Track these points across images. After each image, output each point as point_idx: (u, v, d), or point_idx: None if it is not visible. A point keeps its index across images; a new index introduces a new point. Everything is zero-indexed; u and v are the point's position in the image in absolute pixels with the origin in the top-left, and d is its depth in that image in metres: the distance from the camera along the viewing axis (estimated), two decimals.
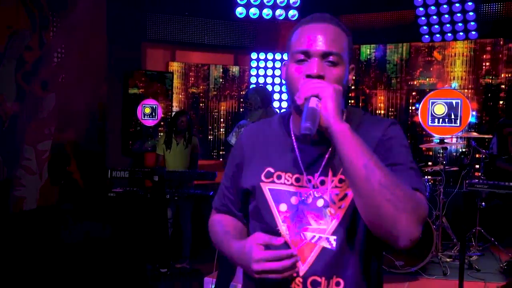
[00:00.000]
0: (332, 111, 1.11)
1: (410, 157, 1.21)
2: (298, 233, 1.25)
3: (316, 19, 1.26)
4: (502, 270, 4.82)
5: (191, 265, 5.12)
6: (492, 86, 6.36)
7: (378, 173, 1.06)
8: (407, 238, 1.06)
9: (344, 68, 1.24)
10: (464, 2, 5.82)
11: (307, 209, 1.25)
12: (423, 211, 1.09)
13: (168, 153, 5.08)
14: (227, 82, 7.24)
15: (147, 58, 6.82)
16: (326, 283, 1.23)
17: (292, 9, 6.30)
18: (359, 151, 1.08)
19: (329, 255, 1.23)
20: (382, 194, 1.05)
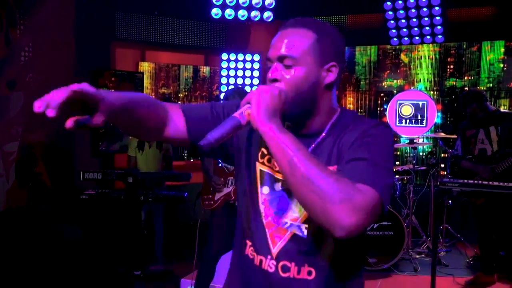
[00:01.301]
0: (257, 114, 1.16)
1: (382, 156, 1.21)
2: (273, 217, 1.34)
3: (286, 25, 1.33)
4: (468, 265, 5.02)
5: (165, 266, 5.09)
6: (456, 88, 6.60)
7: (301, 167, 1.09)
8: (340, 228, 1.07)
9: (306, 69, 1.27)
10: (431, 7, 6.02)
11: (285, 197, 1.34)
12: (358, 201, 1.07)
13: (140, 155, 5.04)
14: (198, 82, 7.21)
15: (116, 58, 6.71)
16: (296, 269, 1.30)
17: (267, 10, 6.34)
18: (283, 149, 1.12)
19: (299, 242, 1.30)
20: (306, 186, 1.09)
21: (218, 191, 3.77)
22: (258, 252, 1.36)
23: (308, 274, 1.30)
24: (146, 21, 6.75)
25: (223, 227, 3.73)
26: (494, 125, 4.33)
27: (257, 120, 1.17)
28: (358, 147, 1.23)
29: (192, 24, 6.99)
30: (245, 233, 1.42)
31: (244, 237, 1.43)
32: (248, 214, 1.41)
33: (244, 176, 1.43)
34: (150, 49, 6.99)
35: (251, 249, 1.40)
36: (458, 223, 5.77)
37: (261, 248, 1.36)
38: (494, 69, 6.39)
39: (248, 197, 1.41)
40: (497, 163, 4.21)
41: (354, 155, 1.20)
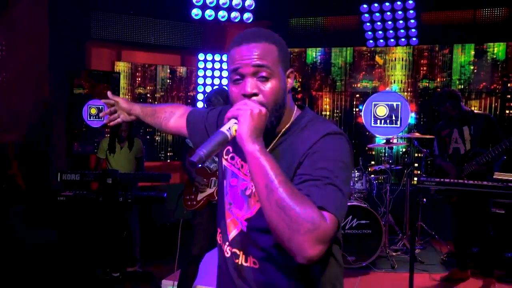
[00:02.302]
0: (245, 133, 1.21)
1: (334, 172, 1.23)
2: (229, 208, 1.49)
3: (244, 39, 1.34)
4: (443, 262, 5.16)
5: (143, 268, 5.05)
6: (429, 89, 6.76)
7: (276, 194, 1.14)
8: (301, 257, 1.13)
9: (279, 79, 1.33)
10: (406, 10, 6.16)
11: (240, 192, 1.46)
12: (321, 232, 1.12)
13: (112, 158, 5.00)
14: (174, 83, 7.18)
15: (91, 58, 6.61)
16: (244, 257, 1.43)
17: (247, 12, 6.36)
18: (263, 172, 1.17)
19: (243, 235, 1.44)
20: (278, 214, 1.13)
21: (201, 192, 3.77)
22: (222, 238, 1.53)
23: (254, 264, 1.41)
24: (122, 20, 6.68)
25: (206, 227, 3.74)
26: (468, 125, 4.45)
27: (244, 139, 1.21)
28: (309, 164, 1.26)
29: (168, 24, 6.95)
30: (217, 221, 1.59)
31: (216, 224, 1.60)
32: (219, 203, 1.58)
33: (219, 170, 1.60)
34: (126, 49, 6.92)
35: (219, 235, 1.56)
36: (432, 221, 5.92)
37: (224, 235, 1.51)
38: (465, 71, 6.59)
39: (219, 188, 1.58)
40: (469, 162, 4.35)
41: (307, 176, 1.23)
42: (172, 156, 7.24)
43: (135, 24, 6.77)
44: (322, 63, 7.22)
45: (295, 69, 7.19)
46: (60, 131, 6.14)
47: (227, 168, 1.52)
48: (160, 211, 6.54)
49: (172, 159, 7.25)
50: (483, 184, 3.70)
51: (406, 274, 4.05)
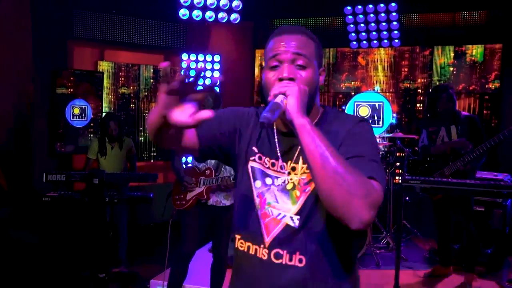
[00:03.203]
0: (295, 107, 1.26)
1: (373, 151, 1.35)
2: (267, 208, 1.45)
3: (285, 30, 1.45)
4: (425, 258, 5.28)
5: (129, 269, 5.03)
6: (410, 90, 6.90)
7: (332, 161, 1.18)
8: (358, 221, 1.18)
9: (313, 70, 1.41)
10: (389, 12, 6.27)
11: (277, 190, 1.45)
12: (374, 197, 1.20)
13: (103, 159, 4.98)
14: (158, 82, 7.15)
15: (74, 57, 6.54)
16: (288, 256, 1.41)
17: (234, 12, 6.38)
18: (316, 142, 1.21)
19: (291, 231, 1.41)
20: (335, 180, 1.17)
21: (190, 191, 3.78)
22: (253, 242, 1.48)
23: (299, 262, 1.40)
24: (105, 19, 6.63)
25: (196, 226, 3.75)
26: (455, 124, 4.53)
27: (295, 112, 1.26)
28: (350, 144, 1.35)
29: (151, 23, 6.93)
30: (236, 227, 1.55)
31: (234, 231, 1.55)
32: (243, 208, 1.52)
33: (239, 173, 1.56)
34: (109, 48, 6.87)
35: (240, 241, 1.52)
36: (414, 219, 6.04)
37: (256, 238, 1.47)
38: (444, 72, 6.74)
39: (243, 192, 1.52)
40: (454, 161, 4.44)
41: (350, 153, 1.32)
42: (156, 156, 7.22)
43: (118, 24, 6.73)
44: None
45: None
46: (43, 131, 6.06)
47: (255, 169, 1.50)
48: (143, 211, 6.52)
49: (155, 159, 7.22)
50: (467, 183, 3.81)
51: (391, 271, 4.15)
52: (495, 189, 3.75)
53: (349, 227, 1.20)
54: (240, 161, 1.54)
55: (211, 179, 3.71)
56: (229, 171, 3.77)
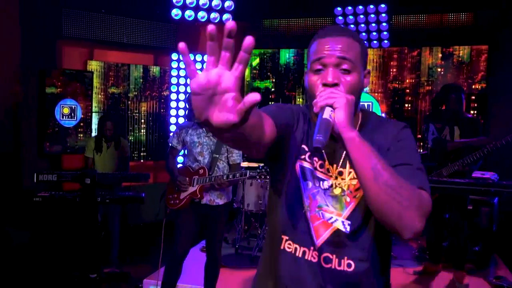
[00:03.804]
0: (344, 120, 1.21)
1: (418, 158, 1.34)
2: (317, 211, 1.41)
3: (330, 32, 1.38)
4: (414, 256, 5.35)
5: (120, 269, 5.01)
6: (398, 90, 6.98)
7: (384, 175, 1.18)
8: (410, 232, 1.20)
9: (358, 74, 1.36)
10: (378, 13, 6.35)
11: (326, 193, 1.42)
12: (425, 207, 1.22)
13: (98, 157, 4.98)
14: (148, 82, 7.13)
15: (63, 56, 6.50)
16: (337, 261, 1.39)
17: (227, 13, 6.39)
18: (367, 156, 1.20)
19: (342, 236, 1.39)
20: (388, 193, 1.17)
21: (184, 190, 3.79)
22: (302, 244, 1.43)
23: (348, 267, 1.39)
24: (94, 18, 6.60)
25: (189, 225, 3.76)
26: (458, 125, 4.58)
27: (344, 126, 1.21)
28: (396, 152, 1.35)
29: (141, 23, 6.91)
30: (282, 228, 1.48)
31: (280, 232, 1.48)
32: (290, 208, 1.46)
33: (286, 172, 1.47)
34: (98, 48, 6.84)
35: (288, 243, 1.46)
36: None
37: (304, 240, 1.43)
38: (432, 73, 6.84)
39: (290, 192, 1.46)
40: (453, 161, 4.46)
41: (398, 160, 1.31)
42: (146, 156, 7.20)
43: (108, 23, 6.70)
44: (295, 64, 7.33)
45: (268, 70, 7.39)
46: (32, 131, 6.02)
47: (306, 168, 1.45)
48: (133, 211, 6.50)
49: (145, 159, 7.21)
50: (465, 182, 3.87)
51: None
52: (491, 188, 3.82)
53: (401, 236, 1.22)
54: (290, 159, 1.46)
55: (205, 178, 3.72)
56: (222, 170, 3.79)
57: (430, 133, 4.72)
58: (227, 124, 0.90)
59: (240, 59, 0.90)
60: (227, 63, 0.89)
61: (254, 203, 5.54)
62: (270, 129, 1.28)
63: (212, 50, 0.89)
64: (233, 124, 0.90)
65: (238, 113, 0.89)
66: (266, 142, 1.26)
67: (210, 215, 3.78)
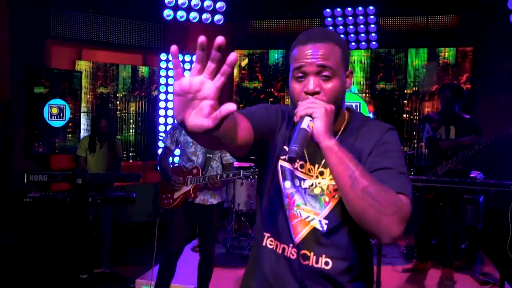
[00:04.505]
0: (322, 130, 1.26)
1: (401, 162, 1.35)
2: (296, 210, 1.46)
3: (310, 38, 1.39)
4: (403, 254, 5.44)
5: (111, 269, 5.01)
6: (386, 91, 7.08)
7: (361, 182, 1.21)
8: (388, 237, 1.23)
9: (339, 79, 1.38)
10: (367, 15, 6.43)
11: (305, 192, 1.46)
12: (404, 212, 1.23)
13: (91, 156, 4.96)
14: (136, 82, 7.12)
15: (51, 56, 6.45)
16: (315, 258, 1.43)
17: (218, 13, 6.41)
18: (344, 164, 1.23)
19: (319, 235, 1.43)
20: (365, 200, 1.21)
21: (177, 190, 3.81)
22: (281, 242, 1.48)
23: (325, 264, 1.43)
24: (82, 18, 6.56)
25: (183, 225, 3.78)
26: (455, 125, 4.64)
27: (322, 136, 1.26)
28: (378, 156, 1.36)
29: (130, 23, 6.89)
30: (264, 226, 1.54)
31: (262, 229, 1.54)
32: (271, 206, 1.52)
33: (269, 172, 1.53)
34: (87, 48, 6.80)
35: (269, 240, 1.51)
36: None
37: (284, 237, 1.48)
38: (418, 74, 6.95)
39: (272, 191, 1.51)
40: (448, 160, 4.53)
41: (379, 164, 1.33)
42: (134, 156, 7.18)
43: (96, 23, 6.67)
44: (284, 64, 7.39)
45: (257, 70, 7.42)
46: (20, 131, 5.97)
47: (285, 168, 1.49)
48: (121, 212, 6.48)
49: (134, 159, 7.19)
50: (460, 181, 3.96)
51: None
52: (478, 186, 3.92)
53: (380, 241, 1.26)
54: (271, 159, 1.51)
55: (198, 177, 3.75)
56: (215, 169, 3.82)
57: (425, 132, 4.80)
58: (201, 129, 0.97)
59: (223, 71, 0.96)
60: (211, 73, 0.96)
61: (245, 202, 5.59)
62: (246, 131, 1.34)
63: (200, 59, 0.96)
64: (206, 129, 0.97)
65: (213, 119, 0.96)
66: (240, 144, 1.31)
67: (204, 214, 3.81)
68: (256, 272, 1.56)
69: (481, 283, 4.56)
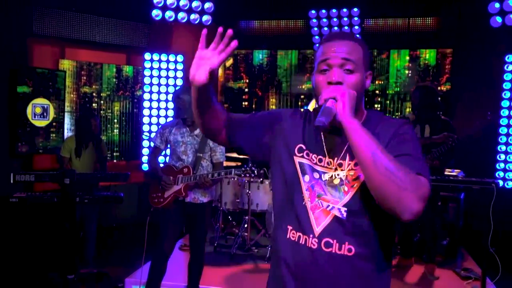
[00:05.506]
0: (345, 110, 1.37)
1: (418, 150, 1.46)
2: (317, 201, 1.54)
3: (336, 36, 1.56)
4: None
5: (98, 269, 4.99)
6: (368, 91, 7.20)
7: (383, 159, 1.29)
8: (409, 213, 1.29)
9: (360, 75, 1.51)
10: (351, 17, 6.54)
11: (325, 183, 1.54)
12: (424, 190, 1.31)
13: (77, 160, 4.91)
14: (121, 82, 7.09)
15: (34, 55, 6.37)
16: (337, 245, 1.49)
17: (206, 14, 6.43)
18: (367, 142, 1.32)
19: (340, 222, 1.50)
20: (387, 176, 1.28)
21: (168, 189, 3.83)
22: (303, 233, 1.55)
23: (348, 251, 1.48)
24: (65, 17, 6.50)
25: (174, 223, 3.81)
26: (430, 125, 4.77)
27: (345, 115, 1.37)
28: (396, 145, 1.45)
29: (113, 22, 6.85)
30: (286, 219, 1.61)
31: (284, 223, 1.61)
32: (291, 201, 1.59)
33: (284, 169, 1.62)
34: (70, 47, 6.74)
35: (292, 232, 1.58)
36: None
37: (306, 229, 1.54)
38: (400, 75, 7.10)
39: (291, 186, 1.60)
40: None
41: (398, 152, 1.41)
42: (118, 156, 7.15)
43: (79, 21, 6.62)
44: (268, 64, 7.45)
45: (241, 70, 7.47)
46: (3, 131, 5.88)
47: (304, 164, 1.58)
48: (106, 212, 6.44)
49: (118, 159, 7.15)
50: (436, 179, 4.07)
51: None
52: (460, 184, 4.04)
53: (401, 219, 1.31)
54: (281, 157, 1.63)
55: (189, 176, 3.78)
56: (206, 168, 3.85)
57: None
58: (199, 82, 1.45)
59: (226, 51, 1.43)
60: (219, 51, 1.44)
61: (231, 201, 5.62)
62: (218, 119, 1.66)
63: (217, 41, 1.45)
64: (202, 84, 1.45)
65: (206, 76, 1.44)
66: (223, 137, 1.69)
67: (195, 213, 3.84)
68: (280, 264, 1.61)
69: (463, 278, 4.69)
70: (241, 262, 5.06)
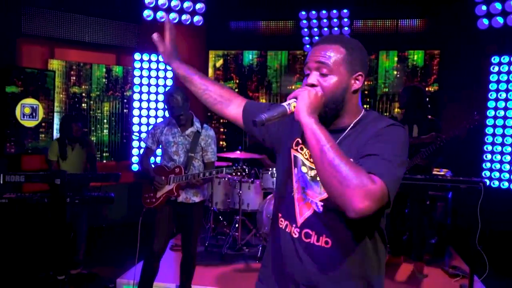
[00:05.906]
0: (302, 108, 1.42)
1: (390, 152, 1.42)
2: (302, 193, 1.63)
3: (320, 40, 1.61)
4: None
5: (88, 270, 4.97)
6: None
7: (329, 155, 1.33)
8: (352, 210, 1.29)
9: (339, 78, 1.52)
10: (341, 18, 6.60)
11: (310, 178, 1.62)
12: (370, 189, 1.28)
13: (64, 163, 4.88)
14: (110, 82, 7.07)
15: (23, 55, 6.33)
16: (316, 237, 1.58)
17: (198, 15, 6.44)
18: (317, 138, 1.37)
19: (318, 215, 1.58)
20: (330, 172, 1.32)
21: (160, 189, 3.84)
22: (290, 222, 1.66)
23: (325, 243, 1.56)
24: (54, 16, 6.47)
25: (166, 223, 3.82)
26: (418, 125, 4.83)
27: (300, 113, 1.43)
28: (370, 144, 1.46)
29: (102, 22, 6.83)
30: (279, 207, 1.73)
31: (277, 210, 1.74)
32: (285, 190, 1.69)
33: (283, 159, 1.73)
34: (59, 47, 6.70)
35: (281, 219, 1.70)
36: None
37: (291, 218, 1.65)
38: (389, 76, 7.17)
39: (285, 177, 1.70)
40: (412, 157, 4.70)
41: (367, 152, 1.43)
42: (108, 156, 7.13)
43: (69, 21, 6.58)
44: (258, 65, 7.48)
45: (232, 71, 7.50)
46: None
47: (297, 157, 1.67)
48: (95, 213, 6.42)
49: (108, 159, 7.13)
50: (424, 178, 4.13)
51: None
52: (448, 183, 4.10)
53: (347, 216, 1.32)
54: (283, 149, 1.73)
55: (181, 176, 3.79)
56: (197, 168, 3.87)
57: None
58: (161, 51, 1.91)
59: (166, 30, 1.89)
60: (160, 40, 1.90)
61: (223, 201, 5.64)
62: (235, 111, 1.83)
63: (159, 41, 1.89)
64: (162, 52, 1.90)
65: None
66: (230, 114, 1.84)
67: (187, 213, 3.85)
68: (271, 248, 1.75)
69: (451, 276, 4.77)
70: (232, 262, 5.08)
